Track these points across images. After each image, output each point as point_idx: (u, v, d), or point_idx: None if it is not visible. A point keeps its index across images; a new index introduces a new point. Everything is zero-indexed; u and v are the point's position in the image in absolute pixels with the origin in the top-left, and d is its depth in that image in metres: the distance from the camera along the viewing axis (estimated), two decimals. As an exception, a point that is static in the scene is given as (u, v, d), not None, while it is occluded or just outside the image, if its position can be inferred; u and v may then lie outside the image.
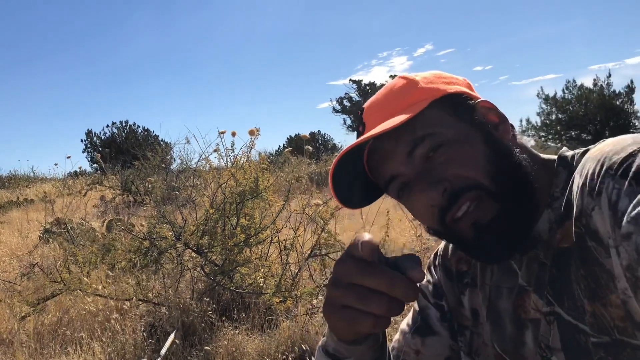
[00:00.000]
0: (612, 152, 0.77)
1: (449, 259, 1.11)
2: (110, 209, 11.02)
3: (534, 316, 0.90)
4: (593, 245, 0.77)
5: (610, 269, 0.75)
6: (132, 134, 36.00)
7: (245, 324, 4.17)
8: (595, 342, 0.79)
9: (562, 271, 0.84)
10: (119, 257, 4.94)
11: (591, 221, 0.76)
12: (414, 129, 0.89)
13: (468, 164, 0.87)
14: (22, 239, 8.12)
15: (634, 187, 0.69)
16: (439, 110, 0.91)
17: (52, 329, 4.35)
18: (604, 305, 0.77)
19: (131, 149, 15.09)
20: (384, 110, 0.94)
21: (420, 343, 1.09)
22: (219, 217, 4.52)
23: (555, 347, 0.86)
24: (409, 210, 0.96)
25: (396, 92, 0.96)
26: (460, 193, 0.86)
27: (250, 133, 4.54)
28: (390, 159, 0.92)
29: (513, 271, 0.95)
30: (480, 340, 1.02)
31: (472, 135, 0.89)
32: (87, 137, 37.09)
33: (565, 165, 0.91)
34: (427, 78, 0.95)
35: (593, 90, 29.34)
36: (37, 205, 12.50)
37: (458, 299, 1.07)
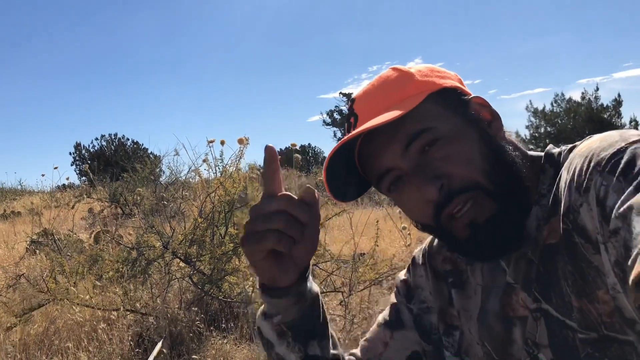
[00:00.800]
0: (600, 148, 0.76)
1: (435, 257, 1.10)
2: (99, 221, 10.93)
3: (522, 313, 0.89)
4: (581, 242, 0.77)
5: (598, 265, 0.75)
6: (121, 147, 35.90)
7: (233, 333, 4.15)
8: (583, 338, 0.79)
9: (549, 267, 0.84)
10: (106, 268, 4.90)
11: (579, 217, 0.77)
12: (410, 123, 0.88)
13: (465, 161, 0.86)
14: (8, 251, 8.04)
15: (621, 183, 0.69)
16: (434, 104, 0.90)
17: (38, 339, 4.30)
18: (591, 301, 0.77)
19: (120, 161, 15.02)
20: (378, 102, 0.93)
21: (389, 336, 1.10)
22: (207, 226, 4.50)
23: (542, 343, 0.85)
24: (400, 205, 0.96)
25: (390, 84, 0.94)
26: (458, 191, 0.86)
27: (240, 142, 4.53)
28: (385, 153, 0.91)
29: (501, 269, 0.94)
30: (469, 340, 1.01)
31: (468, 132, 0.89)
32: (76, 149, 36.95)
33: (552, 162, 0.91)
34: (421, 71, 0.95)
35: (581, 103, 29.64)
36: (25, 217, 12.39)
37: (448, 298, 1.06)
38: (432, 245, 1.13)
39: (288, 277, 0.88)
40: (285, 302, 0.91)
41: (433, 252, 1.11)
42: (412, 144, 0.88)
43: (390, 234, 6.97)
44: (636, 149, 0.71)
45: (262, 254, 0.82)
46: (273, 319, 0.93)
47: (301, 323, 0.94)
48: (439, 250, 1.10)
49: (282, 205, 0.80)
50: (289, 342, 0.94)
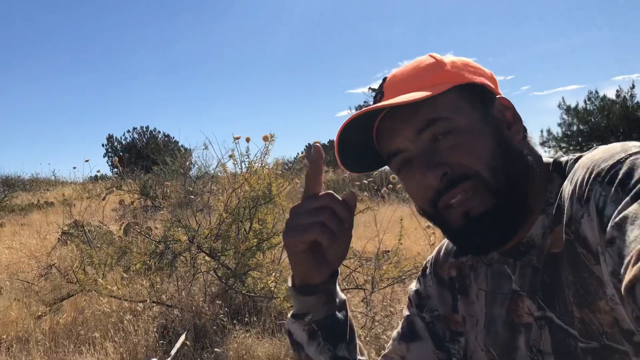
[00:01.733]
0: (601, 159, 0.77)
1: (440, 266, 1.11)
2: (129, 213, 11.11)
3: (527, 320, 0.90)
4: (582, 252, 0.77)
5: (599, 275, 0.75)
6: (153, 139, 36.28)
7: (256, 327, 4.20)
8: (584, 347, 0.80)
9: (553, 276, 0.85)
10: (134, 260, 4.99)
11: (580, 228, 0.77)
12: (429, 109, 0.89)
13: (472, 154, 0.87)
14: (40, 241, 8.24)
15: (619, 194, 0.69)
16: (458, 96, 0.90)
17: (66, 328, 4.41)
18: (593, 311, 0.78)
19: (151, 154, 15.20)
20: (405, 84, 0.93)
21: (406, 349, 1.10)
22: (232, 222, 4.55)
23: (547, 350, 0.86)
24: (405, 187, 0.97)
25: (421, 69, 0.95)
26: (459, 181, 0.87)
27: (264, 139, 4.57)
28: (399, 133, 0.92)
29: (507, 276, 0.95)
30: (473, 347, 1.03)
31: (484, 129, 0.89)
32: (108, 141, 37.47)
33: (560, 170, 0.92)
34: (455, 63, 0.95)
35: (616, 101, 28.93)
36: (57, 208, 12.66)
37: (452, 305, 1.07)
38: (439, 253, 1.14)
39: (320, 274, 0.94)
40: (315, 299, 0.96)
41: (440, 259, 1.12)
42: (425, 130, 0.89)
43: (416, 232, 6.92)
44: (635, 160, 0.72)
45: (304, 245, 0.88)
46: (304, 318, 0.97)
47: (331, 323, 0.97)
48: (446, 257, 1.11)
49: (326, 202, 0.88)
50: (319, 343, 0.97)
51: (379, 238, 5.44)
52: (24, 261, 7.22)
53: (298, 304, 0.98)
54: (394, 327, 3.96)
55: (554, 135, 30.10)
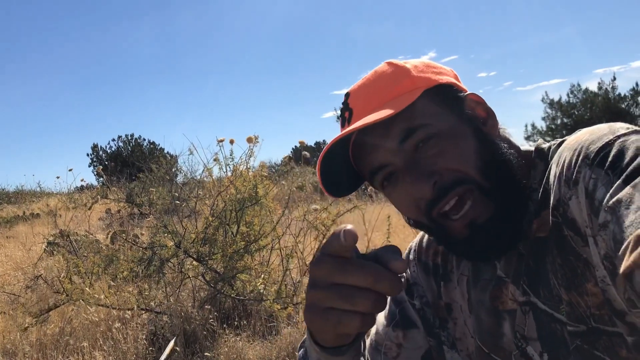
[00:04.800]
0: (589, 141, 0.77)
1: (425, 252, 1.10)
2: (116, 221, 11.04)
3: (511, 307, 0.90)
4: (570, 234, 0.77)
5: (587, 257, 0.75)
6: (138, 147, 36.12)
7: (246, 330, 4.17)
8: (572, 330, 0.79)
9: (538, 261, 0.85)
10: (121, 268, 4.95)
11: (568, 210, 0.77)
12: (404, 119, 0.87)
13: (459, 157, 0.86)
14: (26, 252, 8.15)
15: (610, 177, 0.69)
16: (429, 101, 0.89)
17: (54, 339, 4.36)
18: (580, 294, 0.77)
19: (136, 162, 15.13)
20: (373, 98, 0.92)
21: (402, 336, 1.07)
22: (218, 225, 4.53)
23: (531, 336, 0.86)
24: (393, 201, 0.95)
25: (386, 79, 0.93)
26: (450, 187, 0.85)
27: (249, 140, 4.55)
28: (379, 149, 0.90)
29: (491, 263, 0.94)
30: (457, 334, 1.02)
31: (462, 129, 0.88)
32: (93, 151, 37.23)
33: (542, 156, 0.91)
34: (417, 67, 0.93)
35: (598, 94, 29.25)
36: (43, 219, 12.55)
37: (437, 292, 1.06)
38: (423, 240, 1.12)
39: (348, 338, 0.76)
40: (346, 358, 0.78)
41: (424, 246, 1.11)
42: (406, 141, 0.87)
43: (404, 229, 6.95)
44: (624, 142, 0.72)
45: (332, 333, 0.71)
46: None
47: None
48: (430, 243, 1.10)
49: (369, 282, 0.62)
50: None
51: (368, 237, 5.44)
52: (9, 273, 7.13)
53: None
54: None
55: (539, 130, 30.35)
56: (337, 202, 5.89)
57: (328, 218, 4.78)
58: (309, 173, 10.48)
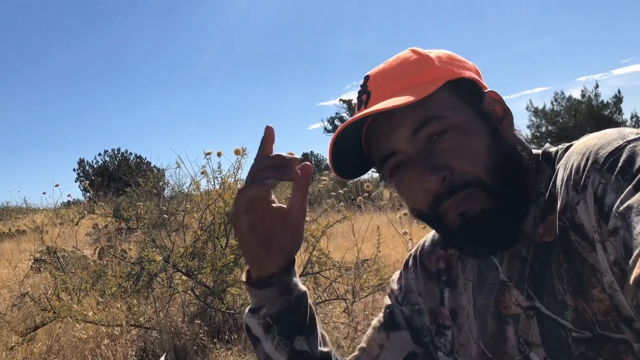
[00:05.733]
0: (598, 145, 0.76)
1: (428, 258, 1.09)
2: (103, 236, 10.95)
3: (515, 311, 0.89)
4: (577, 239, 0.76)
5: (594, 263, 0.74)
6: (125, 162, 35.96)
7: (237, 345, 4.14)
8: (577, 337, 0.78)
9: (542, 266, 0.84)
10: (109, 283, 4.90)
11: (576, 215, 0.76)
12: (422, 109, 0.86)
13: (471, 156, 0.85)
14: (12, 270, 8.05)
15: (620, 182, 0.68)
16: (449, 93, 0.88)
17: (42, 357, 4.29)
18: (586, 300, 0.77)
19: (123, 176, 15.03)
20: (393, 84, 0.91)
21: (385, 338, 1.08)
22: (207, 238, 4.50)
23: (535, 342, 0.85)
24: (399, 190, 0.94)
25: (409, 66, 0.92)
26: (459, 188, 0.85)
27: (236, 152, 4.53)
28: (392, 135, 0.89)
29: (494, 267, 0.94)
30: (460, 339, 1.01)
31: (478, 126, 0.88)
32: (80, 166, 37.01)
33: (549, 160, 0.91)
34: (441, 58, 0.93)
35: (582, 101, 29.62)
36: (29, 235, 12.40)
37: (439, 298, 1.05)
38: (425, 245, 1.12)
39: (274, 264, 0.92)
40: (269, 292, 0.92)
41: (426, 251, 1.10)
42: (420, 130, 0.87)
43: (394, 239, 6.95)
44: (634, 147, 0.71)
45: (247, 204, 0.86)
46: (259, 312, 0.94)
47: (286, 316, 0.94)
48: (433, 249, 1.09)
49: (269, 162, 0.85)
50: (274, 337, 0.94)
51: (358, 247, 5.43)
52: (-5, 292, 7.03)
53: (253, 298, 0.95)
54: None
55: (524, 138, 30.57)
56: (326, 213, 5.88)
57: (318, 229, 4.76)
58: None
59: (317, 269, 5.10)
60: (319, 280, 5.17)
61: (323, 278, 5.10)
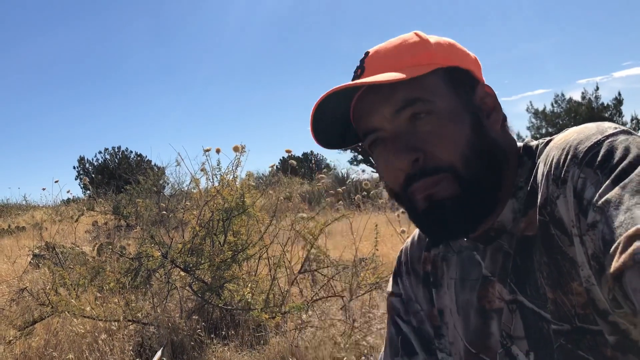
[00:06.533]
0: (577, 140, 0.76)
1: (416, 261, 1.10)
2: (102, 233, 10.96)
3: (498, 305, 0.89)
4: (557, 234, 0.77)
5: (573, 257, 0.75)
6: (125, 160, 35.92)
7: (234, 340, 4.15)
8: (556, 329, 0.79)
9: (525, 259, 0.85)
10: (108, 279, 4.91)
11: (556, 209, 0.77)
12: (408, 89, 0.87)
13: (448, 142, 0.85)
14: (11, 265, 8.06)
15: (599, 177, 0.69)
16: (440, 79, 0.89)
17: (39, 352, 4.30)
18: (565, 293, 0.77)
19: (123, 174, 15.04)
20: (388, 62, 0.91)
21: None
22: (205, 235, 4.51)
23: (518, 335, 0.86)
24: (378, 165, 0.95)
25: (406, 47, 0.92)
26: (430, 172, 0.85)
27: (235, 149, 4.54)
28: (376, 111, 0.89)
29: (476, 262, 0.94)
30: (452, 336, 1.01)
31: (463, 115, 0.88)
32: (80, 163, 36.98)
33: (530, 154, 0.91)
34: (440, 44, 0.92)
35: (582, 103, 29.57)
36: (29, 232, 12.40)
37: (430, 300, 1.06)
38: (410, 250, 1.12)
39: None
40: None
41: (415, 255, 1.11)
42: (403, 110, 0.87)
43: (392, 238, 6.95)
44: (613, 142, 0.72)
45: None
46: None
47: None
48: (419, 252, 1.10)
49: None
50: None
51: (356, 246, 5.44)
52: (-6, 287, 7.04)
53: None
54: (373, 332, 3.95)
55: (523, 139, 30.51)
56: (324, 211, 5.89)
57: (316, 227, 4.77)
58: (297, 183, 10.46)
59: (315, 266, 5.11)
60: (316, 277, 5.19)
61: (321, 275, 5.11)
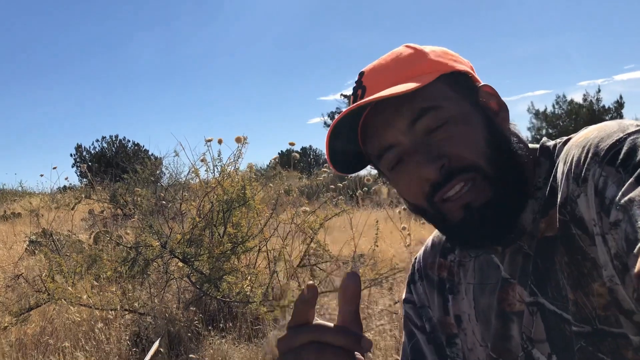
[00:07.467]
0: (598, 138, 0.75)
1: (430, 268, 1.08)
2: (99, 222, 10.93)
3: (519, 308, 0.88)
4: (578, 233, 0.76)
5: (594, 257, 0.73)
6: (122, 149, 35.93)
7: (232, 333, 4.13)
8: (577, 331, 0.78)
9: (546, 260, 0.83)
10: (104, 268, 4.88)
11: (577, 208, 0.75)
12: (418, 100, 0.86)
13: (469, 144, 0.85)
14: (6, 251, 8.05)
15: (621, 175, 0.67)
16: (445, 85, 0.88)
17: (35, 338, 4.28)
18: (586, 294, 0.76)
19: (120, 162, 15.01)
20: (389, 77, 0.90)
21: None
22: (205, 226, 4.48)
23: (538, 338, 0.84)
24: (397, 184, 0.93)
25: (403, 60, 0.92)
26: (457, 172, 0.84)
27: (237, 140, 4.51)
28: (390, 127, 0.88)
29: (495, 265, 0.93)
30: (471, 343, 0.99)
31: (474, 117, 0.88)
32: (77, 151, 36.98)
33: (547, 155, 0.90)
34: (435, 52, 0.93)
35: (583, 105, 29.73)
36: (25, 218, 12.39)
37: (444, 307, 1.04)
38: (425, 256, 1.10)
39: None
40: None
41: (429, 261, 1.09)
42: (418, 121, 0.86)
43: (391, 235, 6.94)
44: (635, 140, 0.70)
45: None
46: None
47: None
48: (433, 258, 1.08)
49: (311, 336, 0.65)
50: None
51: (355, 242, 5.42)
52: (-11, 273, 7.01)
53: None
54: (372, 328, 3.94)
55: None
56: (324, 206, 5.87)
57: (316, 222, 4.75)
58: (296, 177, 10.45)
59: (314, 261, 5.10)
60: (315, 272, 5.17)
61: (319, 270, 5.10)
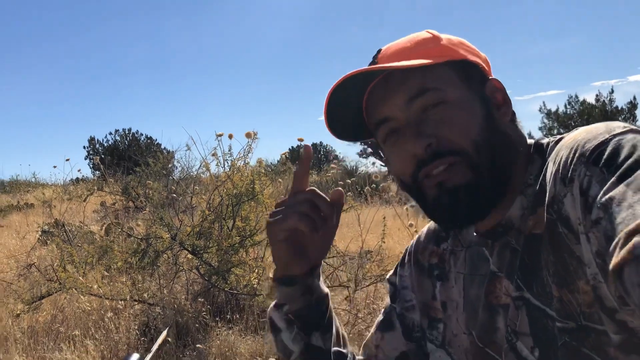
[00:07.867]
0: (585, 139, 0.77)
1: (421, 254, 1.12)
2: (110, 214, 11.01)
3: (505, 301, 0.90)
4: (564, 232, 0.78)
5: (579, 255, 0.75)
6: (135, 142, 36.03)
7: (238, 324, 4.18)
8: (561, 327, 0.80)
9: (532, 257, 0.85)
10: (115, 258, 4.95)
11: (563, 208, 0.77)
12: (421, 79, 0.89)
13: (461, 129, 0.87)
14: (19, 241, 8.14)
15: (605, 175, 0.69)
16: (452, 70, 0.91)
17: (46, 326, 4.36)
18: (572, 291, 0.78)
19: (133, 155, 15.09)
20: (400, 56, 0.93)
21: (380, 338, 1.13)
22: (214, 219, 4.54)
23: (523, 331, 0.86)
24: (389, 158, 0.96)
25: (417, 43, 0.94)
26: (443, 154, 0.87)
27: (247, 136, 4.56)
28: (389, 100, 0.91)
29: (485, 258, 0.96)
30: (454, 331, 1.03)
31: (474, 106, 0.90)
32: (90, 144, 37.13)
33: (541, 152, 0.92)
34: (451, 40, 0.95)
35: (595, 106, 29.42)
36: (37, 209, 12.50)
37: (431, 292, 1.07)
38: (419, 241, 1.14)
39: (300, 267, 0.98)
40: (293, 291, 0.99)
41: (420, 247, 1.13)
42: (416, 99, 0.89)
43: (399, 232, 6.95)
44: (620, 141, 0.72)
45: (284, 233, 0.92)
46: (282, 308, 1.01)
47: (306, 313, 1.00)
48: (426, 244, 1.12)
49: (308, 196, 0.92)
50: (293, 330, 1.01)
51: (362, 238, 5.45)
52: (3, 261, 7.12)
53: (279, 294, 1.02)
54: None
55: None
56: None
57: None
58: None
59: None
60: (322, 267, 5.19)
61: (326, 265, 5.13)
